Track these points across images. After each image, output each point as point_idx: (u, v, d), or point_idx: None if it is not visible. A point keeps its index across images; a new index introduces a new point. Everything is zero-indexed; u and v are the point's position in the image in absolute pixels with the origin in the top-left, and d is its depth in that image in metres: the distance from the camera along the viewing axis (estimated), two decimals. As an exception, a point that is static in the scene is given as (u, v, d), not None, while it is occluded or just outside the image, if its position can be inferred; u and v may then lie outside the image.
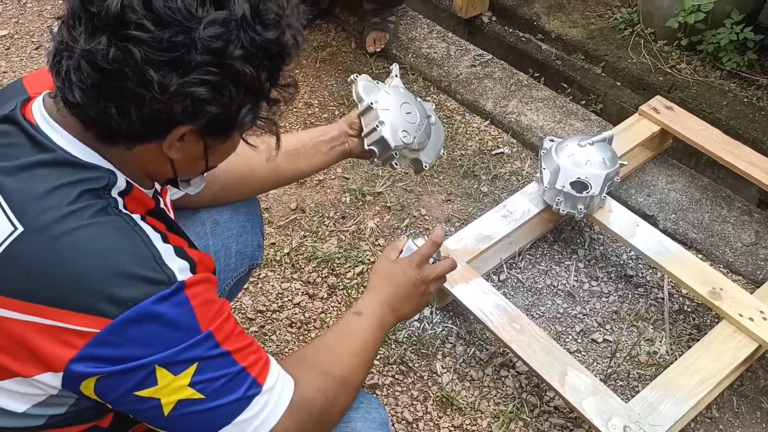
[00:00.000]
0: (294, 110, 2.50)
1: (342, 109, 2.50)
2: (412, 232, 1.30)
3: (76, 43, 0.81)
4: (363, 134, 1.34)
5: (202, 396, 0.86)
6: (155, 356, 0.83)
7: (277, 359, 0.97)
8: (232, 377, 0.88)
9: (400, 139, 1.30)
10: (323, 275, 2.00)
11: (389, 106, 1.31)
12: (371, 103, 1.30)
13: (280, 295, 1.96)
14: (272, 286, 1.98)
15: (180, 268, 0.86)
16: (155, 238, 0.88)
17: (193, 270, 0.87)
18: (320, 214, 2.16)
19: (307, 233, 2.11)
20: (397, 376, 1.79)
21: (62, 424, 0.92)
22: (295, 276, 2.00)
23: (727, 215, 2.09)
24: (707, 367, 1.63)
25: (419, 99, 1.40)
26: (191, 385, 0.85)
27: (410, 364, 1.81)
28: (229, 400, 0.88)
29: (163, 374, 0.84)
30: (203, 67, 0.81)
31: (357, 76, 1.34)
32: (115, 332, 0.82)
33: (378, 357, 1.82)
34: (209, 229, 1.37)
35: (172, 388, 0.85)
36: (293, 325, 1.89)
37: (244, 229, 1.42)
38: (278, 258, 2.03)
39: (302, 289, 1.97)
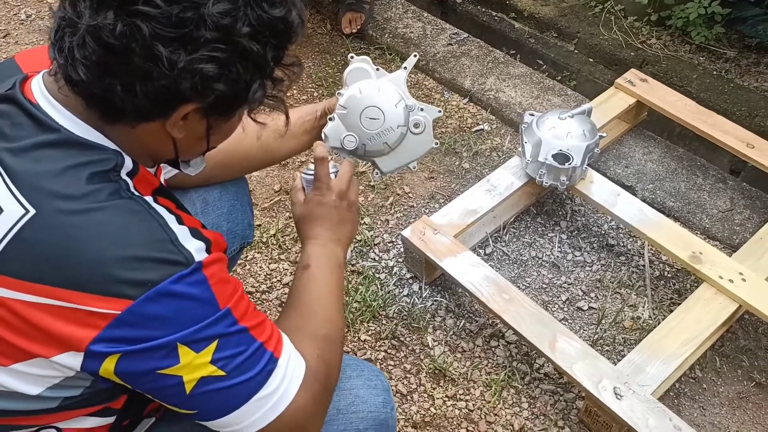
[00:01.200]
0: (272, 93, 2.48)
1: (321, 90, 2.50)
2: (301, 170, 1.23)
3: (81, 18, 0.80)
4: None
5: (223, 373, 0.86)
6: (176, 334, 0.83)
7: None
8: (251, 353, 0.88)
9: (340, 142, 1.27)
10: (311, 255, 2.01)
11: (351, 106, 1.26)
12: (338, 94, 1.27)
13: (268, 276, 1.96)
14: (260, 267, 1.98)
15: (197, 249, 0.86)
16: (170, 219, 0.87)
17: (208, 250, 0.87)
18: (304, 195, 2.17)
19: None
20: (389, 351, 1.81)
21: (76, 405, 0.91)
22: (282, 257, 2.01)
23: (703, 183, 2.15)
24: (690, 328, 1.68)
25: (419, 104, 1.29)
26: (213, 362, 0.85)
27: (402, 339, 1.83)
28: (249, 375, 0.88)
29: (185, 351, 0.84)
30: (211, 44, 0.81)
31: (353, 58, 1.29)
32: (136, 313, 0.81)
33: (369, 333, 1.84)
34: (199, 209, 1.37)
35: (194, 365, 0.85)
36: (283, 305, 1.89)
37: (234, 208, 1.42)
38: (265, 239, 2.03)
39: (290, 269, 1.98)
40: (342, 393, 1.10)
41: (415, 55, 1.30)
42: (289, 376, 0.92)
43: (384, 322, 1.86)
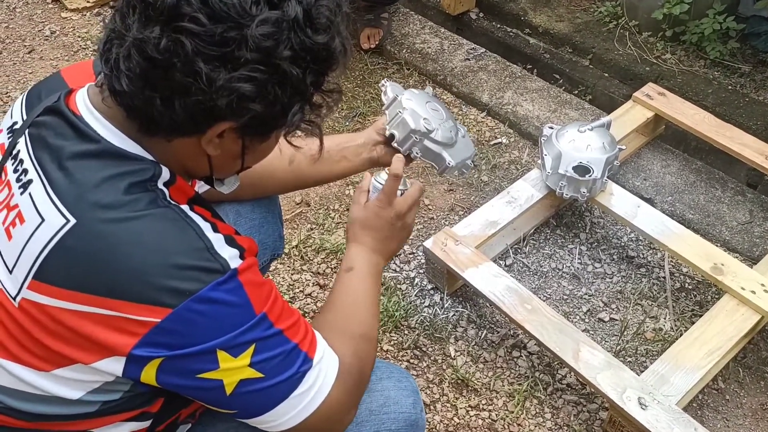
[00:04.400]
0: (292, 107, 2.52)
1: (340, 105, 2.53)
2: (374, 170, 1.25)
3: (129, 31, 0.82)
4: (386, 123, 1.34)
5: (261, 375, 0.89)
6: (216, 341, 0.85)
7: None
8: (286, 354, 0.90)
9: (422, 125, 1.31)
10: (332, 266, 2.03)
11: (414, 99, 1.32)
12: (397, 95, 1.31)
13: (291, 287, 1.98)
14: (283, 278, 2.00)
15: (231, 256, 0.88)
16: (206, 228, 0.89)
17: (242, 256, 0.89)
18: (325, 207, 2.19)
19: (314, 226, 2.14)
20: (412, 361, 1.82)
21: (114, 410, 0.93)
22: (304, 267, 2.02)
23: (722, 196, 2.16)
24: (713, 339, 1.68)
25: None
26: (251, 365, 0.88)
27: (424, 349, 1.84)
28: (286, 376, 0.91)
29: (224, 357, 0.86)
30: (251, 65, 0.82)
31: (386, 81, 1.36)
32: (176, 321, 0.83)
33: (392, 343, 1.85)
34: (232, 220, 1.38)
35: (233, 369, 0.87)
36: (306, 315, 1.91)
37: (266, 220, 1.43)
38: (287, 251, 2.05)
39: (312, 279, 1.99)
40: (374, 394, 1.12)
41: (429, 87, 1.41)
42: (323, 374, 0.95)
43: (406, 332, 1.87)
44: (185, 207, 0.91)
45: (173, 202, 0.90)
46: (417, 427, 1.16)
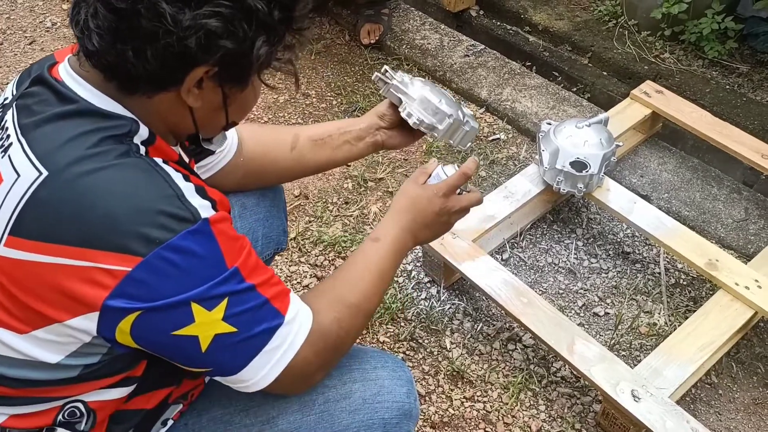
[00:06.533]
0: (292, 101, 2.54)
1: (339, 99, 2.54)
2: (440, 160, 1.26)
3: None
4: (439, 137, 1.32)
5: (234, 329, 0.89)
6: (189, 293, 0.85)
7: (300, 294, 1.02)
8: (257, 309, 0.91)
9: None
10: (330, 258, 2.04)
11: (428, 83, 1.30)
12: (403, 81, 1.28)
13: (288, 279, 1.99)
14: (280, 269, 2.01)
15: (202, 206, 0.88)
16: (177, 177, 0.89)
17: (214, 208, 0.90)
18: (324, 200, 2.20)
19: (312, 218, 2.15)
20: (408, 352, 1.83)
21: (96, 374, 0.93)
22: (302, 259, 2.04)
23: (718, 193, 2.17)
24: (707, 333, 1.70)
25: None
26: (224, 319, 0.88)
27: (420, 341, 1.86)
28: (258, 330, 0.91)
29: (198, 310, 0.86)
30: (215, 0, 0.83)
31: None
32: (147, 270, 0.83)
33: (388, 334, 1.86)
34: (237, 212, 1.38)
35: (208, 323, 0.87)
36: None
37: (270, 214, 1.43)
38: (285, 242, 2.06)
39: (310, 271, 2.01)
40: (368, 383, 1.13)
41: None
42: (294, 332, 0.95)
43: (402, 324, 1.89)
44: (158, 159, 0.91)
45: (146, 155, 0.91)
46: (410, 416, 1.16)
